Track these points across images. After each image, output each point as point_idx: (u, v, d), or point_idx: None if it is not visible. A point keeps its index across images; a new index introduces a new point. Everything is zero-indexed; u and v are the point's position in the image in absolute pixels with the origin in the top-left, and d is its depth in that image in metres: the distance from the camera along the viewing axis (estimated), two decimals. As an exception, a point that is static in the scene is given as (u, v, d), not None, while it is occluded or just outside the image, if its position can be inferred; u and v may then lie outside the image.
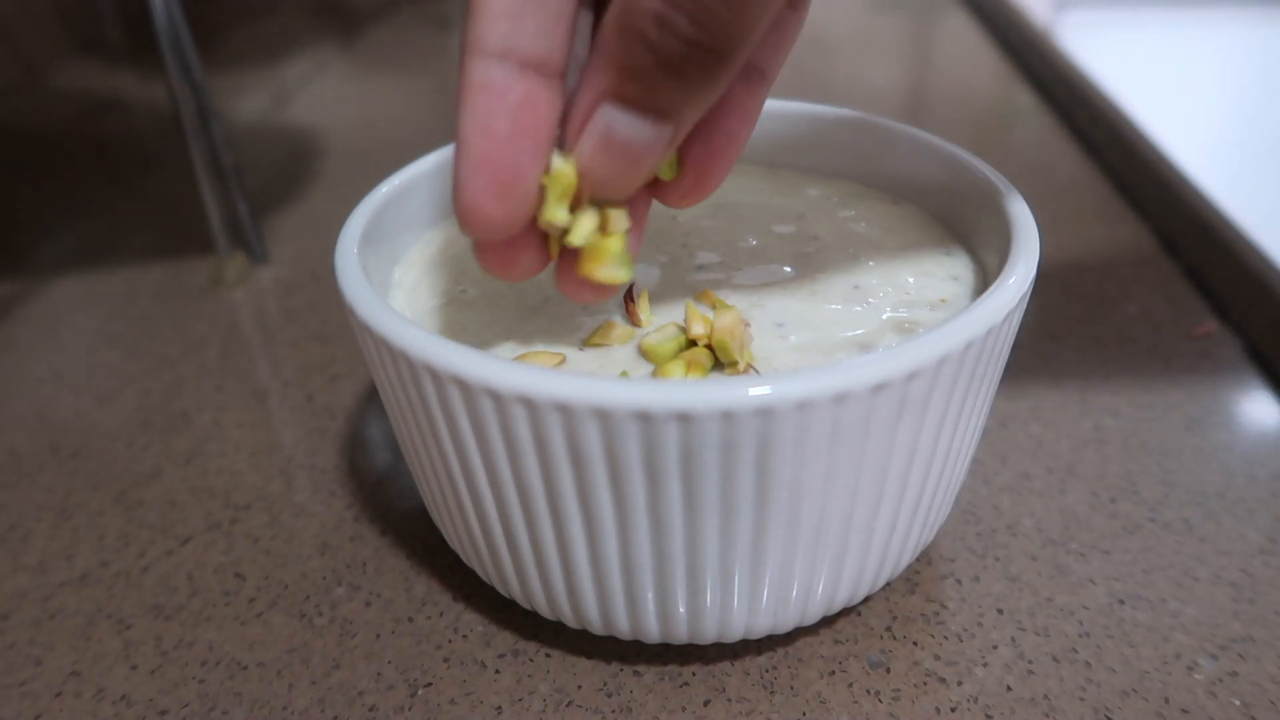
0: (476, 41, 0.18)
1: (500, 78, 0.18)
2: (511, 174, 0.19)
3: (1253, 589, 0.26)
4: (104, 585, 0.28)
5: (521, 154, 0.19)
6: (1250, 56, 0.68)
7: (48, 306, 0.42)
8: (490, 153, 0.19)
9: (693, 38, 0.17)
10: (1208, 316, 0.38)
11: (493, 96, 0.19)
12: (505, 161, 0.19)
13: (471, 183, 0.19)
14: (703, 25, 0.17)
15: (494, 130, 0.19)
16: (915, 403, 0.20)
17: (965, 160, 0.27)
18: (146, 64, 0.66)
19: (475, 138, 0.19)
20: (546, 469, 0.20)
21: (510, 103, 0.19)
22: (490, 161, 0.19)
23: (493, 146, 0.19)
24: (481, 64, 0.18)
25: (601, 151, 0.19)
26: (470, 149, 0.19)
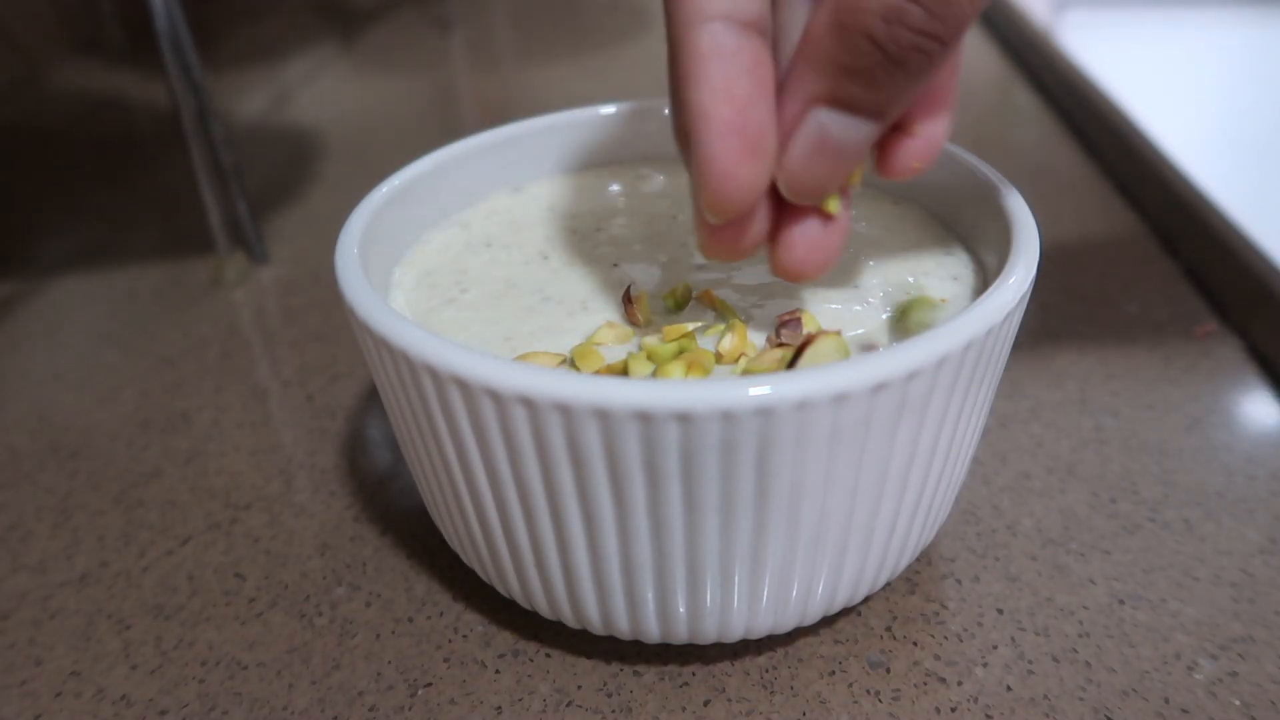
0: (697, 10, 0.18)
1: (730, 41, 0.18)
2: (758, 135, 0.19)
3: (1253, 589, 0.26)
4: (104, 585, 0.28)
5: (765, 113, 0.19)
6: (1250, 56, 0.68)
7: (48, 306, 0.42)
8: (737, 117, 0.18)
9: (926, 28, 0.17)
10: (1208, 316, 0.38)
11: (726, 60, 0.18)
12: (752, 123, 0.19)
13: (725, 151, 0.18)
14: (937, 13, 0.17)
15: (737, 94, 0.18)
16: (915, 403, 0.20)
17: (965, 160, 0.27)
18: (146, 64, 0.66)
19: (720, 105, 0.18)
20: (546, 469, 0.20)
21: (745, 64, 0.18)
22: (739, 126, 0.18)
23: (738, 111, 0.18)
24: (708, 30, 0.18)
25: (815, 157, 0.19)
26: (716, 117, 0.18)
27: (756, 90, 0.18)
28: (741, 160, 0.19)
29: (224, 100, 0.62)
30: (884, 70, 0.18)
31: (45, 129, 0.61)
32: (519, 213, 0.29)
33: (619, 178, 0.31)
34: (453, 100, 0.64)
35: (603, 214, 0.29)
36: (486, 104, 0.63)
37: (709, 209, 0.19)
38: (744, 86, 0.18)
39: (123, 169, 0.55)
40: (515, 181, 0.30)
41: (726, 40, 0.18)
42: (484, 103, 0.63)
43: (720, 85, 0.18)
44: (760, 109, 0.19)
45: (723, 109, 0.18)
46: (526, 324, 0.24)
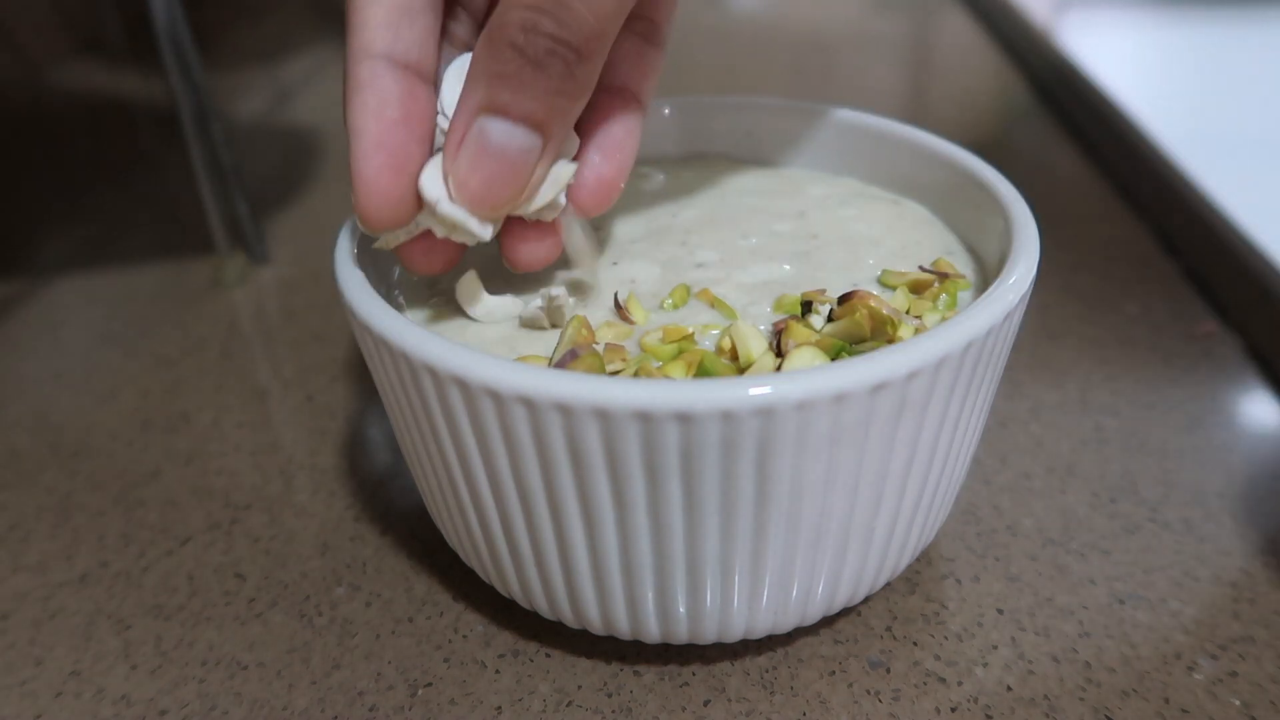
0: (362, 47, 0.21)
1: (386, 74, 0.21)
2: (404, 153, 0.21)
3: (1253, 589, 0.26)
4: (104, 585, 0.28)
5: (410, 136, 0.21)
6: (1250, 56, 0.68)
7: (48, 306, 0.42)
8: (384, 134, 0.21)
9: (557, 34, 0.20)
10: (1208, 316, 0.38)
11: (380, 88, 0.21)
12: (398, 141, 0.21)
13: (370, 162, 0.21)
14: (565, 23, 0.19)
15: (385, 115, 0.21)
16: (915, 403, 0.20)
17: (965, 160, 0.27)
18: (146, 64, 0.66)
19: (369, 123, 0.21)
20: (546, 469, 0.20)
21: (396, 93, 0.21)
22: (385, 142, 0.21)
23: (386, 129, 0.21)
24: (369, 64, 0.21)
25: (479, 159, 0.21)
26: (365, 133, 0.21)
27: (403, 117, 0.21)
28: (383, 173, 0.21)
29: (224, 100, 0.62)
30: (529, 74, 0.20)
31: (45, 129, 0.61)
32: (519, 213, 0.29)
33: (619, 178, 0.31)
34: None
35: (602, 213, 0.29)
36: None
37: (360, 219, 0.22)
38: (392, 111, 0.21)
39: (123, 169, 0.55)
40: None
41: (383, 74, 0.21)
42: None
43: (372, 108, 0.21)
44: (406, 133, 0.21)
45: (371, 126, 0.21)
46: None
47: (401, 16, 0.21)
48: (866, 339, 0.22)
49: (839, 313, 0.23)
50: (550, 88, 0.20)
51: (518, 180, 0.21)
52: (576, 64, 0.20)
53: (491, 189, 0.21)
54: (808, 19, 0.75)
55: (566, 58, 0.20)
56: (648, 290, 0.25)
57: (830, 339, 0.22)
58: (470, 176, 0.21)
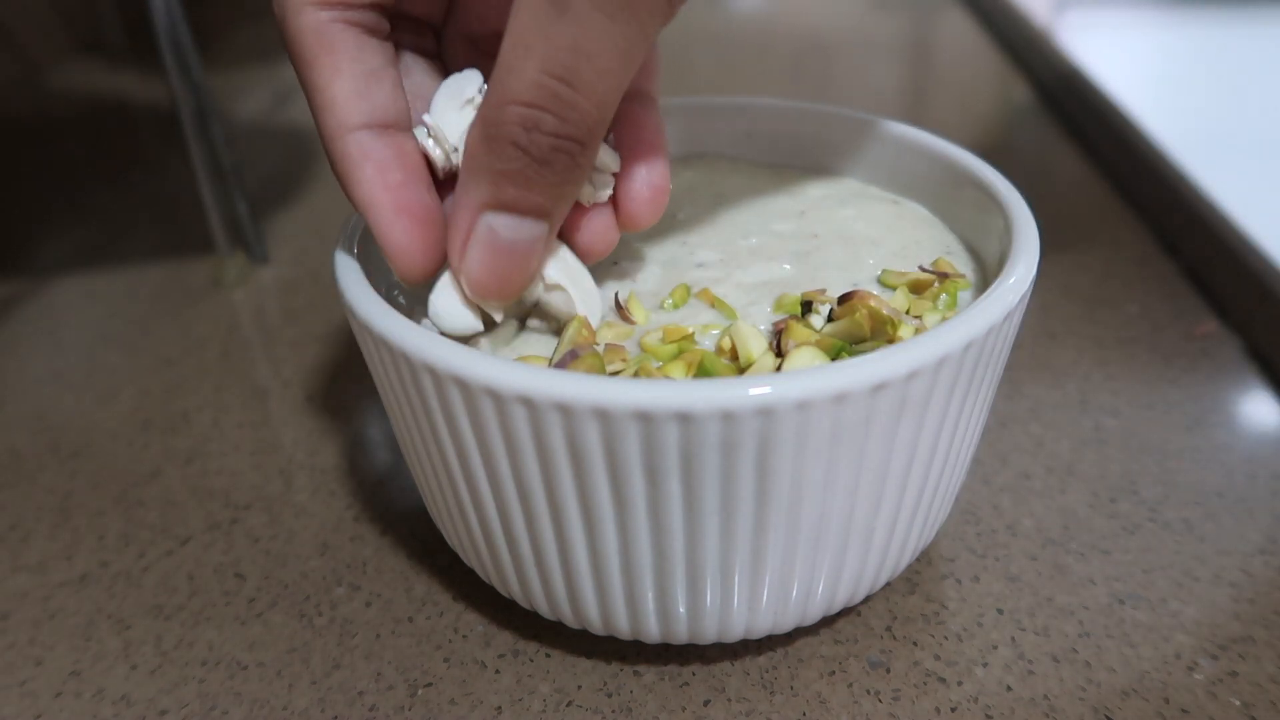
0: (340, 125, 0.21)
1: (373, 143, 0.21)
2: (421, 209, 0.22)
3: (1253, 589, 0.26)
4: (104, 585, 0.28)
5: (421, 190, 0.22)
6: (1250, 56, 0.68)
7: (48, 306, 0.42)
8: (398, 200, 0.21)
9: (560, 131, 0.19)
10: (1208, 316, 0.38)
11: (376, 158, 0.21)
12: (412, 200, 0.22)
13: (396, 229, 0.21)
14: (567, 119, 0.19)
15: (391, 182, 0.21)
16: (915, 403, 0.20)
17: (965, 160, 0.27)
18: (146, 64, 0.66)
19: (380, 194, 0.21)
20: (546, 469, 0.20)
21: (391, 157, 0.21)
22: (402, 206, 0.21)
23: (397, 194, 0.21)
24: (354, 139, 0.21)
25: (490, 257, 0.21)
26: (380, 205, 0.21)
27: (408, 177, 0.22)
28: (412, 233, 0.21)
29: (224, 100, 0.62)
30: (534, 171, 0.20)
31: (46, 129, 0.61)
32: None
33: (619, 178, 0.31)
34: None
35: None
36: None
37: (402, 280, 0.22)
38: (395, 176, 0.21)
39: (123, 169, 0.55)
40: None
41: (371, 144, 0.21)
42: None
43: (376, 179, 0.21)
44: (416, 189, 0.22)
45: (383, 196, 0.21)
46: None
47: (368, 83, 0.21)
48: (866, 339, 0.22)
49: (839, 313, 0.23)
50: (556, 180, 0.20)
51: (529, 268, 0.22)
52: (581, 154, 0.20)
53: (505, 283, 0.22)
54: (807, 19, 0.75)
55: (572, 151, 0.20)
56: (648, 290, 0.25)
57: (830, 339, 0.22)
58: (483, 274, 0.21)
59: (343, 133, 0.21)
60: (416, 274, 0.22)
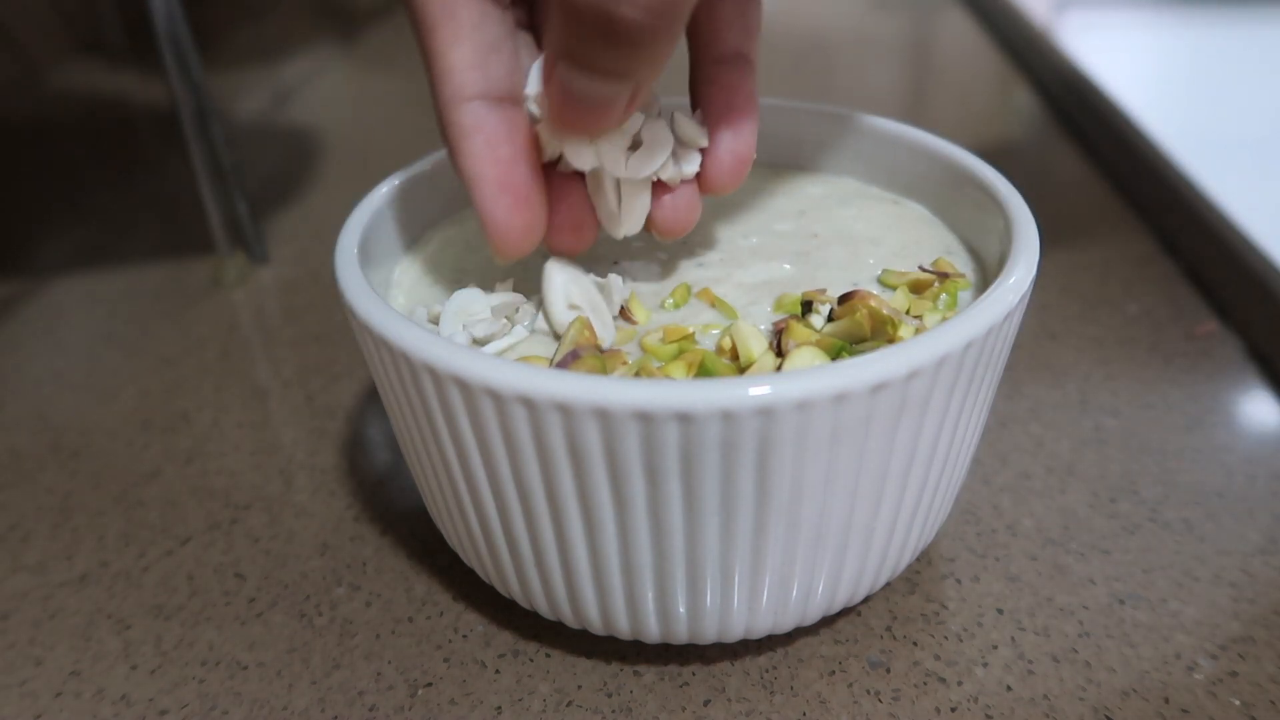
0: (456, 94, 0.21)
1: (486, 115, 0.21)
2: (525, 189, 0.22)
3: (1253, 589, 0.26)
4: (104, 585, 0.28)
5: (528, 168, 0.22)
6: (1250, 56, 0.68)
7: (48, 306, 0.42)
8: (503, 176, 0.21)
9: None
10: (1208, 316, 0.38)
11: (487, 131, 0.21)
12: (517, 179, 0.22)
13: (497, 207, 0.22)
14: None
15: (500, 157, 0.21)
16: (915, 403, 0.20)
17: (965, 160, 0.27)
18: (146, 64, 0.66)
19: (486, 168, 0.21)
20: (546, 469, 0.20)
21: (503, 132, 0.21)
22: (506, 183, 0.22)
23: (503, 170, 0.21)
24: (469, 109, 0.21)
25: (565, 105, 0.21)
26: (485, 180, 0.21)
27: (516, 154, 0.22)
28: (514, 213, 0.22)
29: (224, 100, 0.62)
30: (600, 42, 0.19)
31: (45, 129, 0.61)
32: (519, 213, 0.29)
33: (619, 178, 0.31)
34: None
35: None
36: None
37: (497, 256, 0.22)
38: (504, 151, 0.21)
39: (123, 169, 0.55)
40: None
41: (485, 115, 0.21)
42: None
43: (485, 153, 0.21)
44: (522, 168, 0.22)
45: (488, 171, 0.21)
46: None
47: (487, 54, 0.21)
48: (866, 339, 0.22)
49: (839, 312, 0.23)
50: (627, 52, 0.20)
51: (608, 118, 0.21)
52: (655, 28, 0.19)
53: (582, 128, 0.22)
54: (807, 19, 0.75)
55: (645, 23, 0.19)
56: (648, 290, 0.25)
57: (830, 339, 0.22)
58: (560, 117, 0.21)
59: (457, 102, 0.21)
60: (511, 252, 0.22)
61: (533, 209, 0.22)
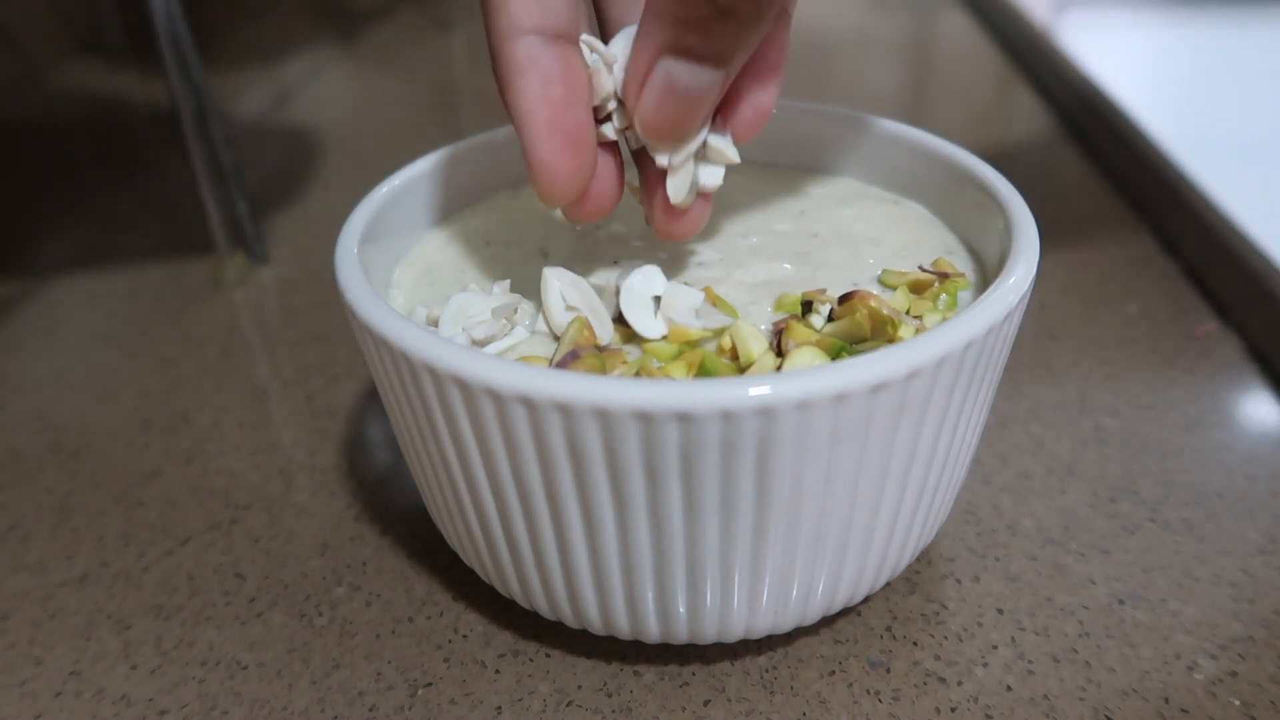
0: (512, 25, 0.21)
1: (543, 51, 0.21)
2: (577, 130, 0.21)
3: (1253, 589, 0.26)
4: (104, 585, 0.28)
5: (580, 110, 0.21)
6: (1250, 56, 0.68)
7: (48, 306, 0.42)
8: (554, 116, 0.21)
9: None
10: (1208, 316, 0.38)
11: (542, 67, 0.21)
12: (569, 120, 0.21)
13: (546, 146, 0.21)
14: None
15: (553, 96, 0.21)
16: (915, 403, 0.20)
17: (965, 160, 0.27)
18: (146, 64, 0.66)
19: (538, 107, 0.21)
20: (546, 469, 0.20)
21: (558, 70, 0.21)
22: (557, 123, 0.21)
23: (556, 111, 0.21)
24: (523, 43, 0.21)
25: (665, 101, 0.21)
26: (536, 118, 0.21)
27: (570, 93, 0.21)
28: (563, 154, 0.21)
29: (224, 100, 0.62)
30: (717, 21, 0.19)
31: (45, 129, 0.61)
32: (518, 211, 0.29)
33: (619, 178, 0.31)
34: (453, 100, 0.64)
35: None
36: (486, 104, 0.63)
37: (542, 199, 0.22)
38: (558, 90, 0.21)
39: (123, 169, 0.55)
40: (515, 181, 0.30)
41: (540, 51, 0.21)
42: (484, 103, 0.63)
43: (538, 91, 0.21)
44: (575, 108, 0.21)
45: (540, 110, 0.21)
46: (526, 324, 0.24)
47: None
48: (866, 339, 0.22)
49: (839, 312, 0.23)
50: (738, 29, 0.20)
51: (701, 113, 0.21)
52: (768, 6, 0.19)
53: (677, 126, 0.21)
54: (808, 19, 0.75)
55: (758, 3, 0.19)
56: (648, 290, 0.25)
57: (830, 339, 0.22)
58: (656, 117, 0.21)
59: (513, 34, 0.21)
60: (557, 195, 0.22)
61: (583, 152, 0.21)
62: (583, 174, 0.22)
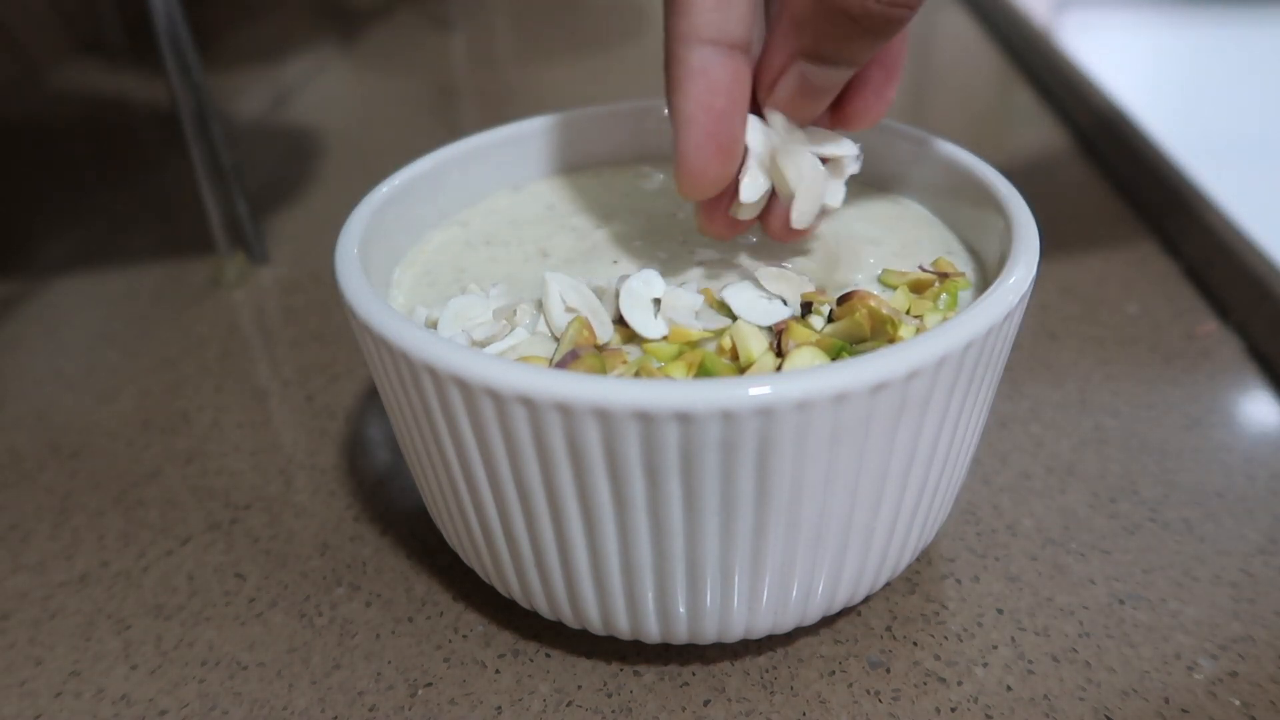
0: (691, 31, 0.21)
1: (714, 61, 0.22)
2: (730, 141, 0.23)
3: (1253, 589, 0.26)
4: (104, 585, 0.28)
5: (737, 124, 0.23)
6: (1250, 56, 0.68)
7: (48, 306, 0.42)
8: (713, 125, 0.22)
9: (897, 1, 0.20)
10: (1208, 316, 0.38)
11: (710, 78, 0.22)
12: (725, 131, 0.22)
13: (700, 151, 0.22)
14: None
15: (715, 106, 0.22)
16: (915, 403, 0.20)
17: (965, 160, 0.27)
18: (146, 64, 0.66)
19: (699, 114, 0.22)
20: (546, 469, 0.20)
21: (726, 81, 0.22)
22: (714, 132, 0.22)
23: (715, 120, 0.22)
24: (697, 50, 0.22)
25: (798, 98, 0.22)
26: (696, 124, 0.22)
27: (731, 105, 0.22)
28: (712, 161, 0.22)
29: (224, 100, 0.62)
30: (858, 36, 0.21)
31: (45, 129, 0.61)
32: (518, 211, 0.29)
33: (619, 176, 0.31)
34: (453, 100, 0.64)
35: (602, 212, 0.29)
36: (486, 104, 0.63)
37: (683, 193, 0.23)
38: (721, 102, 0.22)
39: (123, 169, 0.55)
40: (515, 181, 0.30)
41: (712, 60, 0.22)
42: (484, 103, 0.63)
43: (703, 98, 0.22)
44: (733, 122, 0.22)
45: (700, 117, 0.22)
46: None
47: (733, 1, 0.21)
48: (866, 339, 0.22)
49: (839, 313, 0.23)
50: (875, 41, 0.21)
51: (828, 101, 0.23)
52: (909, 17, 0.21)
53: (805, 115, 0.23)
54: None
55: (902, 18, 0.20)
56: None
57: (830, 339, 0.22)
58: (790, 104, 0.23)
59: (690, 40, 0.21)
60: (694, 194, 0.23)
61: (729, 163, 0.23)
62: (726, 179, 0.23)
